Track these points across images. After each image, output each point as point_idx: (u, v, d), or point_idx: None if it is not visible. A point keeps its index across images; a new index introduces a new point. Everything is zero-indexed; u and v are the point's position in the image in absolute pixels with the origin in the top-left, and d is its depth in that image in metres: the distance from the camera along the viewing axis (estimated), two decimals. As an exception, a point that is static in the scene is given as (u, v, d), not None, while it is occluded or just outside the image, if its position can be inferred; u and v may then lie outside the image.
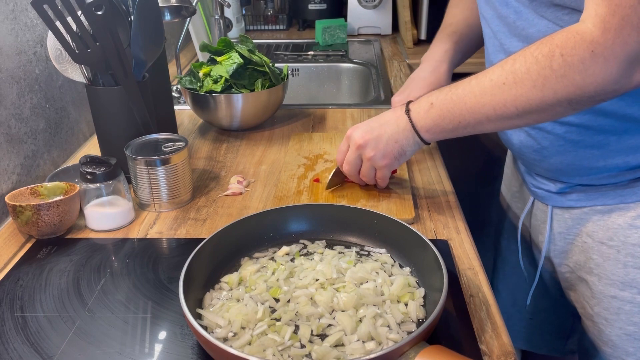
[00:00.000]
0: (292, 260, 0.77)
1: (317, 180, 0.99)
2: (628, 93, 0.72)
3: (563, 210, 0.90)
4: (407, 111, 0.83)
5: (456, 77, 1.05)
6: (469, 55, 1.09)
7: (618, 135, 0.78)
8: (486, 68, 0.85)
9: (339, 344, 0.63)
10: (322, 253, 0.78)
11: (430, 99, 0.81)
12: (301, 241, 0.82)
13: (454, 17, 1.07)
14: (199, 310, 0.67)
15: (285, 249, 0.79)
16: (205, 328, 0.63)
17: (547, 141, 0.83)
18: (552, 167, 0.87)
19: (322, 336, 0.64)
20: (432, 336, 0.61)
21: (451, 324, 0.67)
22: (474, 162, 1.90)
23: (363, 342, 0.62)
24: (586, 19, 0.64)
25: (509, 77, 0.70)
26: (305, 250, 0.80)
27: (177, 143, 0.94)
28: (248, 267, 0.75)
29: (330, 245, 0.80)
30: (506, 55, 0.77)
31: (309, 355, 0.61)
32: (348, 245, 0.81)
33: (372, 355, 0.54)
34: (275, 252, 0.79)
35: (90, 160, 0.88)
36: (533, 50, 0.69)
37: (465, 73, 1.12)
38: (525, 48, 0.70)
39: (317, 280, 0.72)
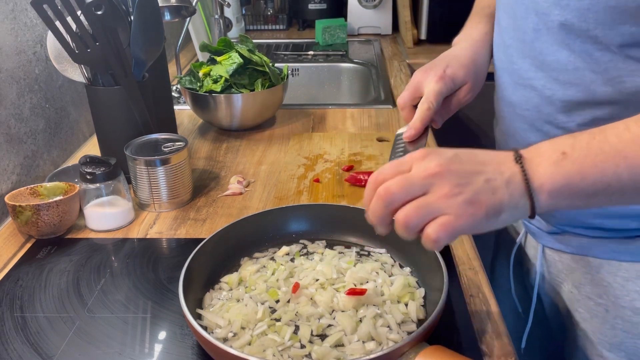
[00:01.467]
0: (292, 260, 0.77)
1: (317, 181, 0.99)
2: None
3: (553, 252, 0.83)
4: (517, 157, 0.54)
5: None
6: None
7: None
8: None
9: (339, 344, 0.63)
10: (322, 253, 0.78)
11: (559, 146, 0.53)
12: (301, 241, 0.82)
13: None
14: (199, 311, 0.67)
15: (285, 249, 0.79)
16: (205, 328, 0.63)
17: None
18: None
19: (322, 336, 0.64)
20: (432, 336, 0.61)
21: (451, 324, 0.67)
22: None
23: (363, 342, 0.62)
24: None
25: None
26: (305, 250, 0.80)
27: (177, 143, 0.94)
28: (248, 267, 0.75)
29: (330, 245, 0.80)
30: (515, 77, 0.68)
31: (309, 355, 0.61)
32: (348, 245, 0.81)
33: (372, 356, 0.54)
34: (275, 252, 0.79)
35: (90, 160, 0.88)
36: None
37: None
38: None
39: (317, 280, 0.72)
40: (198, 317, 0.66)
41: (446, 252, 0.81)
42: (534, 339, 0.95)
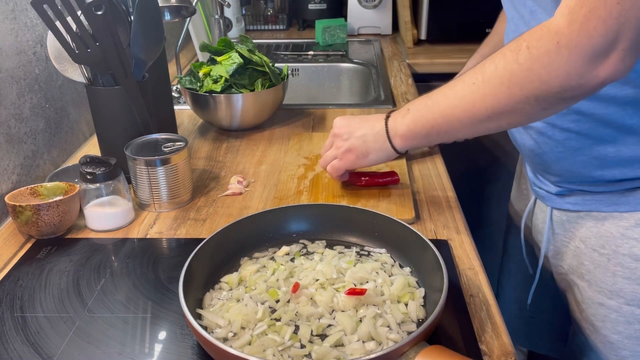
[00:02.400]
0: (292, 260, 0.77)
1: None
2: (630, 103, 0.71)
3: (561, 213, 0.90)
4: (387, 117, 0.84)
5: (447, 77, 1.06)
6: None
7: (617, 146, 0.77)
8: None
9: (339, 344, 0.63)
10: (322, 253, 0.78)
11: (408, 105, 0.82)
12: (301, 241, 0.82)
13: (499, 30, 1.07)
14: (199, 311, 0.67)
15: (285, 249, 0.79)
16: (205, 328, 0.63)
17: (547, 146, 0.83)
18: (551, 171, 0.87)
19: (322, 336, 0.64)
20: (432, 336, 0.61)
21: (451, 324, 0.67)
22: (474, 162, 1.90)
23: (363, 342, 0.62)
24: (557, 12, 0.63)
25: (478, 77, 0.70)
26: (305, 250, 0.80)
27: (177, 143, 0.94)
28: (248, 267, 0.75)
29: (330, 245, 0.80)
30: None
31: (309, 355, 0.61)
32: (348, 245, 0.81)
33: (372, 355, 0.54)
34: (275, 252, 0.79)
35: (90, 160, 0.88)
36: (503, 48, 0.68)
37: (454, 73, 1.13)
38: (499, 51, 0.69)
39: (317, 280, 0.72)
40: (198, 317, 0.66)
41: (446, 252, 0.81)
42: (541, 298, 1.04)
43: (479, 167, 1.92)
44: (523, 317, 1.13)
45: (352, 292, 0.67)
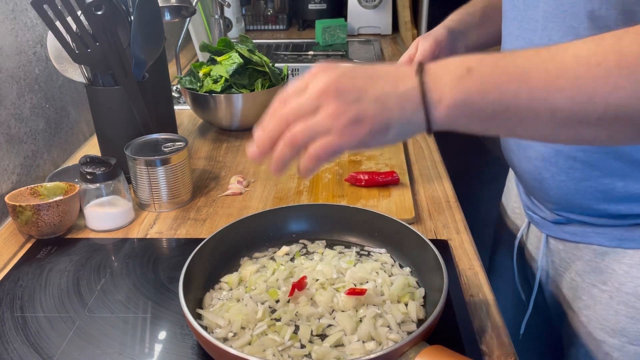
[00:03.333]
0: (292, 260, 0.77)
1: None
2: None
3: (557, 241, 0.84)
4: (420, 71, 0.51)
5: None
6: (491, 41, 0.95)
7: (625, 181, 0.70)
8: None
9: (339, 344, 0.63)
10: (322, 253, 0.78)
11: (467, 62, 0.51)
12: (301, 241, 0.82)
13: None
14: (199, 311, 0.67)
15: (285, 248, 0.79)
16: (205, 328, 0.63)
17: (548, 173, 0.74)
18: (550, 198, 0.79)
19: (322, 336, 0.64)
20: (432, 336, 0.61)
21: (451, 324, 0.67)
22: (474, 161, 1.90)
23: (363, 342, 0.62)
24: None
25: (609, 57, 0.46)
26: (305, 250, 0.80)
27: (177, 143, 0.94)
28: (248, 267, 0.75)
29: (330, 245, 0.80)
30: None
31: (309, 355, 0.61)
32: (348, 245, 0.81)
33: (372, 356, 0.54)
34: (275, 252, 0.79)
35: (90, 161, 0.88)
36: None
37: None
38: (632, 27, 0.48)
39: (317, 280, 0.72)
40: (198, 317, 0.66)
41: (446, 252, 0.81)
42: (533, 328, 0.96)
43: (479, 167, 1.92)
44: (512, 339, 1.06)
45: (352, 292, 0.67)
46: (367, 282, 0.72)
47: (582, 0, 0.61)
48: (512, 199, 1.01)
